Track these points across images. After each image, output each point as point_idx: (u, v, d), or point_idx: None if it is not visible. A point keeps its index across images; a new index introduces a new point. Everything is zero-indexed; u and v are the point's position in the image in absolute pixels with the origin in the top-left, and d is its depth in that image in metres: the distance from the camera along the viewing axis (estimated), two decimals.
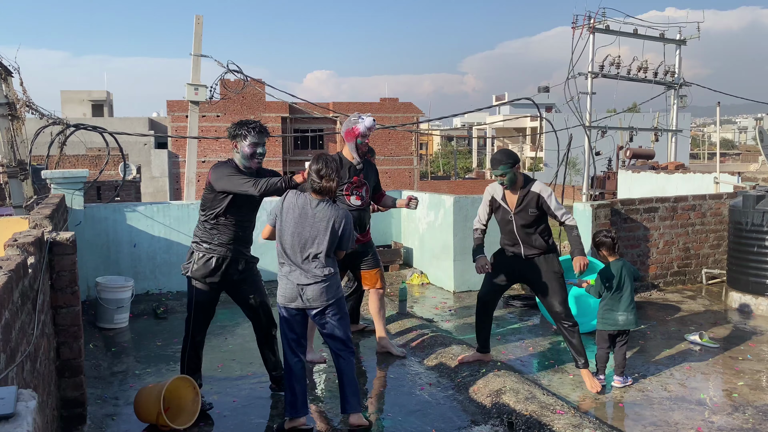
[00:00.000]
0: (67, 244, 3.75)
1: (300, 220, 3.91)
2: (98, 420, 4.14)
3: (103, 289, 6.26)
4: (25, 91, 11.68)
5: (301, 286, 3.91)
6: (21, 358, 2.62)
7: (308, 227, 3.90)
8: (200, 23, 13.98)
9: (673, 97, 21.44)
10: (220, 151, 44.19)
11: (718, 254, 7.86)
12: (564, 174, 12.51)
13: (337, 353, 4.04)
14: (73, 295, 3.82)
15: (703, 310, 6.65)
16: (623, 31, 20.19)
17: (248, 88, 16.29)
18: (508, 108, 65.29)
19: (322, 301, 3.91)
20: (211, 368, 5.17)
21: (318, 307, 3.92)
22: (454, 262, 7.39)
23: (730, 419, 4.08)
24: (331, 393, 4.60)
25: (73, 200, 6.94)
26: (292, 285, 3.94)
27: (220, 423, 4.18)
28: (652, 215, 7.36)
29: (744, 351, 5.38)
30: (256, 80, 16.22)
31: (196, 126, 14.51)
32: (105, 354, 5.51)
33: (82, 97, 52.53)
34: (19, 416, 1.71)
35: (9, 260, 2.82)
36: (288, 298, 3.96)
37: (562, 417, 3.93)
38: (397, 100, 48.80)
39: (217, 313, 6.82)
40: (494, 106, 23.14)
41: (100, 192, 19.84)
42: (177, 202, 7.53)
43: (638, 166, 13.50)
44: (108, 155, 12.73)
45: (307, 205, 3.92)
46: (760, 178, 9.08)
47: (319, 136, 47.37)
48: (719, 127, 13.12)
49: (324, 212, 3.89)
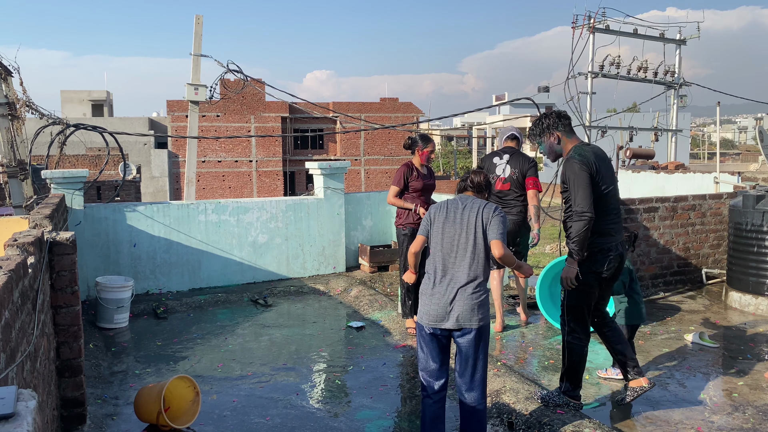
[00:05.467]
0: (67, 243, 3.75)
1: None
2: (98, 420, 4.14)
3: (103, 289, 6.26)
4: (25, 91, 11.70)
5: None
6: (21, 358, 2.62)
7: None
8: (200, 23, 13.98)
9: (673, 97, 21.44)
10: (220, 151, 44.20)
11: (718, 254, 7.86)
12: None
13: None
14: (73, 294, 3.82)
15: (703, 310, 6.65)
16: (623, 31, 20.19)
17: (248, 87, 16.30)
18: (508, 108, 65.25)
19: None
20: (211, 368, 5.17)
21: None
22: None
23: (730, 419, 4.08)
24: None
25: (73, 200, 6.94)
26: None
27: (220, 423, 4.18)
28: (652, 215, 7.36)
29: (744, 351, 5.38)
30: (256, 80, 16.22)
31: (196, 126, 14.52)
32: (105, 354, 5.51)
33: (82, 97, 52.54)
34: (19, 416, 1.71)
35: (9, 260, 2.82)
36: None
37: (562, 417, 3.94)
38: (397, 100, 48.81)
39: (217, 313, 6.85)
40: (494, 106, 23.11)
41: (100, 192, 19.85)
42: (177, 202, 7.53)
43: (638, 165, 13.50)
44: (108, 155, 12.74)
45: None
46: (760, 177, 9.08)
47: (319, 136, 47.37)
48: (719, 126, 13.12)
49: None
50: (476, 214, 3.64)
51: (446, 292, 3.58)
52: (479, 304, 3.56)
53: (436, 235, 3.70)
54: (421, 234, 3.81)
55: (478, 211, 3.65)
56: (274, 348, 5.69)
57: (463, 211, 3.68)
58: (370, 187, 46.63)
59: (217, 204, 7.70)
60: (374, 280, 7.87)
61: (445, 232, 3.67)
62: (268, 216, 7.93)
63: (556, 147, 4.13)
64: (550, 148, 4.16)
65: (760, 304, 6.50)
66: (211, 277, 7.63)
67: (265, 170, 45.72)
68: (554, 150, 4.15)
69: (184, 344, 5.76)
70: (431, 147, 6.03)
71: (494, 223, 3.59)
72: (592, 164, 3.90)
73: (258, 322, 6.46)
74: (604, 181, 3.94)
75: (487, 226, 3.61)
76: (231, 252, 7.72)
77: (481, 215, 3.63)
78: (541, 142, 4.19)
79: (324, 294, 7.60)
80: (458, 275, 3.59)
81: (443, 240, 3.67)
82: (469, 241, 3.60)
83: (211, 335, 6.03)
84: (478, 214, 3.63)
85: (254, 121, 45.03)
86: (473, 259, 3.59)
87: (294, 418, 4.26)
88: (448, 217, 3.70)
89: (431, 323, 3.60)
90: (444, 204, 3.78)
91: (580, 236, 3.84)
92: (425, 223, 3.79)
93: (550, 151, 4.17)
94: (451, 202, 3.76)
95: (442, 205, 3.79)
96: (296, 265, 8.13)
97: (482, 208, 3.66)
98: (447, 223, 3.68)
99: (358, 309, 6.86)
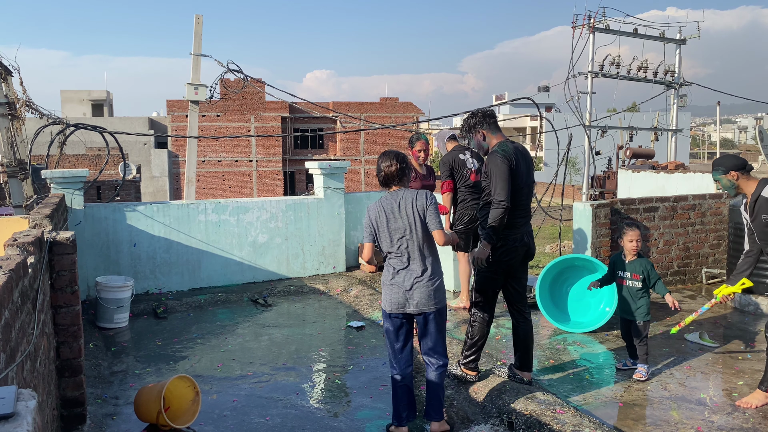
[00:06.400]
0: (67, 243, 3.75)
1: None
2: (98, 420, 4.14)
3: (103, 289, 6.26)
4: (25, 90, 11.70)
5: None
6: (21, 357, 2.62)
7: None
8: (200, 23, 13.98)
9: (673, 97, 21.44)
10: (220, 151, 44.22)
11: (718, 254, 7.86)
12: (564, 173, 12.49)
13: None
14: (73, 294, 3.82)
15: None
16: (623, 31, 20.18)
17: (248, 87, 16.30)
18: (508, 107, 65.26)
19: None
20: (211, 368, 5.18)
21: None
22: (454, 261, 7.39)
23: (730, 419, 4.08)
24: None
25: (73, 200, 6.94)
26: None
27: (220, 423, 4.18)
28: (652, 215, 7.36)
29: (744, 351, 5.38)
30: (256, 80, 16.22)
31: (196, 125, 14.52)
32: (105, 354, 5.51)
33: (82, 97, 52.56)
34: (19, 416, 1.71)
35: (9, 260, 2.82)
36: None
37: (562, 417, 3.93)
38: (397, 100, 48.83)
39: (217, 312, 6.85)
40: (494, 105, 23.16)
41: (100, 191, 19.85)
42: (177, 202, 7.53)
43: (638, 165, 13.49)
44: (108, 155, 12.74)
45: None
46: (760, 177, 9.06)
47: (319, 136, 47.38)
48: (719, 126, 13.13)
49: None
50: (412, 208, 3.84)
51: (404, 282, 3.88)
52: (434, 290, 3.89)
53: (384, 236, 3.91)
54: (367, 242, 4.00)
55: (412, 204, 3.85)
56: (274, 348, 5.69)
57: (399, 209, 3.87)
58: (370, 187, 46.63)
59: (217, 204, 7.70)
60: (374, 280, 7.87)
61: (391, 231, 3.88)
62: (268, 216, 7.93)
63: (483, 143, 4.49)
64: (478, 144, 4.53)
65: (761, 303, 6.49)
66: (211, 277, 7.63)
67: (265, 170, 45.73)
68: (481, 145, 4.51)
69: (184, 344, 5.76)
70: (419, 146, 6.05)
71: (430, 213, 3.84)
72: (512, 159, 4.24)
73: (258, 322, 6.46)
74: (520, 177, 4.29)
75: (425, 216, 3.84)
76: (231, 252, 7.72)
77: (415, 208, 3.84)
78: (470, 138, 4.56)
79: (324, 294, 7.60)
80: (412, 267, 3.87)
81: (391, 238, 3.88)
82: (413, 235, 3.84)
83: (211, 335, 6.03)
84: (413, 208, 3.84)
85: (254, 120, 45.03)
86: (421, 250, 3.87)
87: (294, 418, 4.26)
88: (389, 217, 3.89)
89: (393, 310, 3.93)
90: (379, 206, 3.94)
91: (496, 222, 4.17)
92: (369, 230, 3.97)
93: (478, 146, 4.54)
94: (385, 203, 3.92)
95: (378, 207, 3.94)
96: (296, 265, 8.13)
97: (415, 201, 3.86)
98: (390, 222, 3.88)
99: (358, 309, 6.86)
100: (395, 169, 3.93)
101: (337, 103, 46.49)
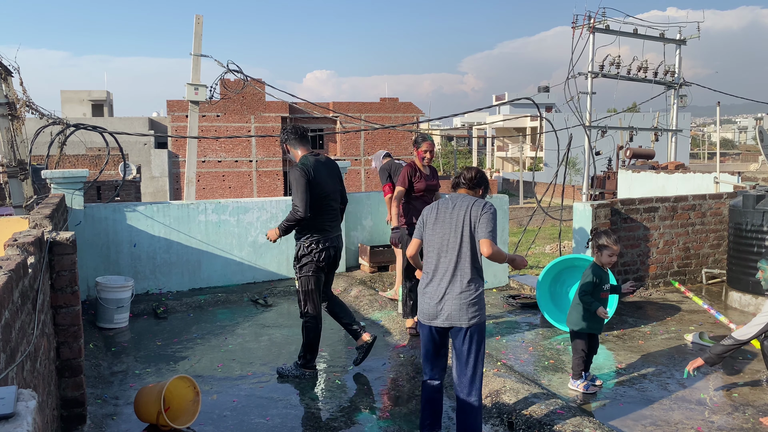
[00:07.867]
0: (67, 243, 3.75)
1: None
2: (98, 420, 4.14)
3: (103, 289, 6.26)
4: (25, 91, 11.69)
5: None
6: (21, 358, 2.62)
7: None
8: (200, 23, 13.98)
9: (673, 97, 21.43)
10: (220, 151, 44.21)
11: (718, 254, 7.86)
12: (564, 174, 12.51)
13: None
14: (73, 294, 3.82)
15: (704, 310, 6.64)
16: (623, 31, 20.18)
17: (248, 87, 16.30)
18: (508, 108, 65.28)
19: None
20: (211, 368, 5.17)
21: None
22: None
23: (730, 419, 4.08)
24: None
25: (73, 200, 6.94)
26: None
27: (220, 423, 4.18)
28: (652, 215, 7.36)
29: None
30: (256, 80, 16.22)
31: (196, 126, 14.52)
32: (105, 354, 5.51)
33: (82, 97, 52.55)
34: (19, 416, 1.71)
35: (9, 260, 2.82)
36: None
37: (562, 417, 3.94)
38: (397, 100, 48.81)
39: (217, 313, 6.85)
40: (494, 105, 23.13)
41: (100, 192, 19.86)
42: (177, 202, 7.53)
43: (638, 165, 13.50)
44: (108, 155, 12.74)
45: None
46: (760, 177, 9.07)
47: (319, 136, 47.36)
48: (719, 126, 13.12)
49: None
50: (465, 213, 3.66)
51: (436, 291, 3.66)
52: (469, 304, 3.59)
53: (429, 235, 3.77)
54: (415, 237, 3.88)
55: (467, 209, 3.67)
56: (274, 348, 5.69)
57: (452, 210, 3.71)
58: (370, 187, 46.63)
59: (217, 204, 7.70)
60: (374, 280, 7.87)
61: (436, 232, 3.73)
62: (268, 216, 7.93)
63: (290, 156, 5.06)
64: (289, 156, 5.08)
65: (760, 304, 6.49)
66: (211, 277, 7.63)
67: (265, 170, 45.72)
68: (290, 158, 5.07)
69: (184, 344, 5.77)
70: (425, 146, 6.02)
71: (483, 221, 3.61)
72: (310, 172, 4.78)
73: (258, 322, 6.46)
74: (321, 188, 4.84)
75: (476, 224, 3.62)
76: (231, 252, 7.72)
77: (469, 213, 3.65)
78: (285, 150, 5.10)
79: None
80: (447, 274, 3.64)
81: (434, 240, 3.73)
82: (457, 240, 3.64)
83: (211, 335, 6.03)
84: (466, 213, 3.66)
85: (254, 121, 45.03)
86: (461, 258, 3.62)
87: (294, 418, 4.26)
88: (438, 217, 3.74)
89: (425, 321, 3.74)
90: (436, 204, 3.83)
91: (289, 222, 4.79)
92: (419, 225, 3.86)
93: (291, 158, 5.07)
94: (442, 202, 3.80)
95: (434, 205, 3.83)
96: None
97: (471, 206, 3.67)
98: (437, 223, 3.73)
99: (358, 309, 6.86)
100: (472, 174, 3.82)
101: (337, 103, 46.49)
